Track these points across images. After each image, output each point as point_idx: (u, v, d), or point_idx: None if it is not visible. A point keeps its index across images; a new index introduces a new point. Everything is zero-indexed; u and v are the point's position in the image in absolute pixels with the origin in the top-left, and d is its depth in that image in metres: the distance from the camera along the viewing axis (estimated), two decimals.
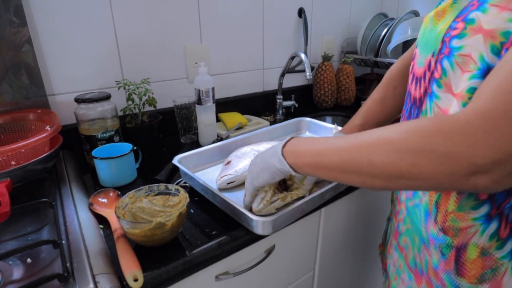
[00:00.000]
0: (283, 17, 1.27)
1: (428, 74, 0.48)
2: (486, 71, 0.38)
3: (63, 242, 0.49)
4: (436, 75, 0.46)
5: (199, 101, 0.92)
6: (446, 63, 0.44)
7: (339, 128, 0.87)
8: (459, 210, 0.44)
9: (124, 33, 0.91)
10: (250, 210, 0.58)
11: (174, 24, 0.99)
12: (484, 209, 0.43)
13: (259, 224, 0.53)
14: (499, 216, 0.43)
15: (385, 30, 1.35)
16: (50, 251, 0.48)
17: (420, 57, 0.50)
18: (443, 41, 0.44)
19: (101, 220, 0.59)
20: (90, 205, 0.61)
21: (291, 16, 1.29)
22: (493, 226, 0.43)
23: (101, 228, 0.57)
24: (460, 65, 0.42)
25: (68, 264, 0.45)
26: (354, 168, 0.40)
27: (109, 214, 0.59)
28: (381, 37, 1.36)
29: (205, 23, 1.06)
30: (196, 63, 1.07)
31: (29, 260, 0.47)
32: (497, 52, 0.38)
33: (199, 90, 0.90)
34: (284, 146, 0.48)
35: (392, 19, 1.42)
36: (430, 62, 0.47)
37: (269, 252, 0.64)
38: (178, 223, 0.51)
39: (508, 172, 0.31)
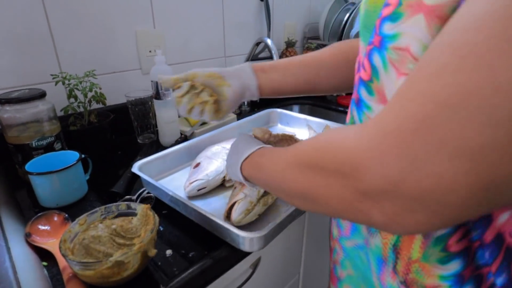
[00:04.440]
0: (244, 0, 1.16)
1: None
2: None
3: None
4: (364, 76, 0.34)
5: (157, 96, 0.80)
6: (377, 60, 0.31)
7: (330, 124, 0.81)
8: (425, 260, 0.32)
9: (57, 13, 0.74)
10: (227, 217, 0.51)
11: (121, 4, 0.84)
12: (454, 266, 0.30)
13: (246, 241, 0.45)
14: (476, 280, 0.29)
15: (347, 15, 1.32)
16: None
17: (362, 50, 0.36)
18: (377, 25, 0.31)
19: (44, 254, 0.46)
20: (27, 236, 0.48)
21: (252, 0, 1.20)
22: None
23: (44, 266, 0.44)
24: (395, 63, 0.29)
25: None
26: (276, 184, 0.35)
27: (54, 245, 0.46)
28: (343, 22, 1.33)
29: (158, 5, 0.92)
30: (150, 51, 0.93)
31: None
32: None
33: (157, 83, 0.78)
34: (245, 159, 0.44)
35: (353, 3, 1.40)
36: None
37: (255, 266, 0.57)
38: (145, 261, 0.41)
39: (400, 208, 0.22)
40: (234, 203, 0.51)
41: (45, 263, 0.45)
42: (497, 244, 0.28)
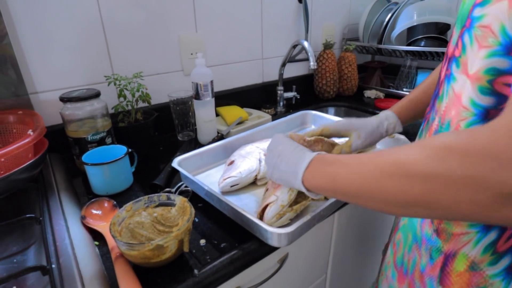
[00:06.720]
0: (282, 3, 1.19)
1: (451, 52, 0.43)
2: (510, 47, 0.32)
3: (53, 266, 0.43)
4: (457, 52, 0.40)
5: (197, 96, 0.85)
6: (466, 38, 0.38)
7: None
8: None
9: (111, 22, 0.82)
10: (260, 217, 0.53)
11: (166, 11, 0.91)
12: None
13: (274, 236, 0.48)
14: (501, 226, 0.36)
15: (389, 15, 1.28)
16: (39, 278, 0.42)
17: (454, 35, 0.43)
18: (469, 11, 0.38)
19: (96, 235, 0.52)
20: (82, 218, 0.55)
21: (291, 2, 1.21)
22: (491, 236, 0.37)
23: (96, 245, 0.51)
24: (478, 39, 0.35)
25: None
26: (367, 194, 0.35)
27: (104, 228, 0.52)
28: (384, 23, 1.30)
29: (200, 10, 0.97)
30: (191, 54, 0.99)
31: None
32: None
33: (197, 84, 0.83)
34: (306, 168, 0.43)
35: (396, 3, 1.35)
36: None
37: (282, 261, 0.59)
38: (181, 247, 0.46)
39: None
40: (267, 205, 0.52)
41: (96, 243, 0.51)
42: None
